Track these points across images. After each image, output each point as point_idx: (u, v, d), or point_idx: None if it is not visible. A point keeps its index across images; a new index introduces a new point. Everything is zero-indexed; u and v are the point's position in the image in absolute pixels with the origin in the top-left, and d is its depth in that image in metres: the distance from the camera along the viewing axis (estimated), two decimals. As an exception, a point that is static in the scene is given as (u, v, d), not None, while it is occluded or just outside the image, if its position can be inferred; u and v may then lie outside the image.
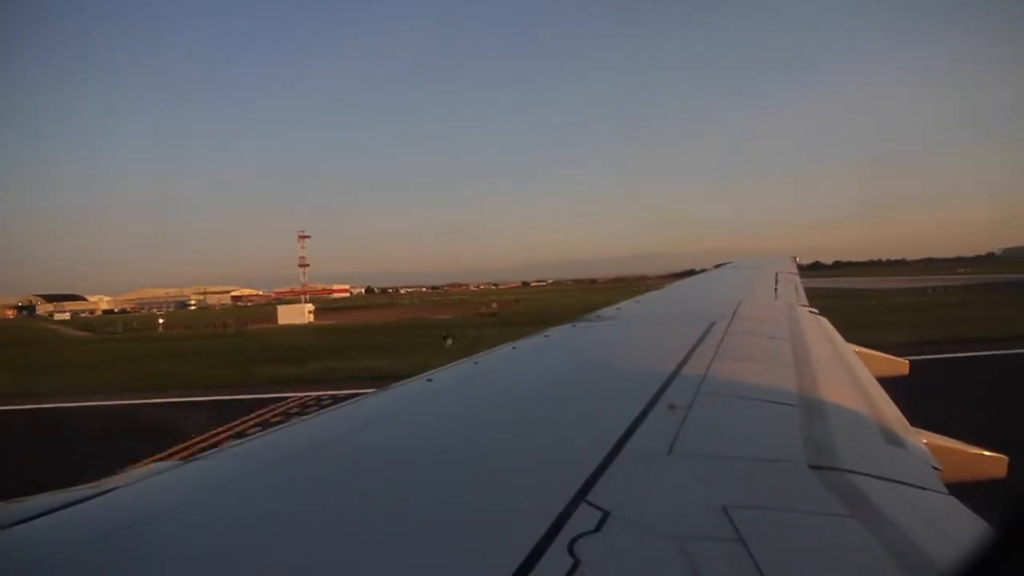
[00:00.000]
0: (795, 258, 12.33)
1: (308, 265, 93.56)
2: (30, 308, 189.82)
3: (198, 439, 11.67)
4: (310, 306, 67.65)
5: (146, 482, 1.69)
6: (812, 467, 1.47)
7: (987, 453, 2.15)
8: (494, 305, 62.88)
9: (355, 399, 2.57)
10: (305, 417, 2.33)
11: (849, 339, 3.93)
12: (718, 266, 12.75)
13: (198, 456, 1.89)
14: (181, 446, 10.94)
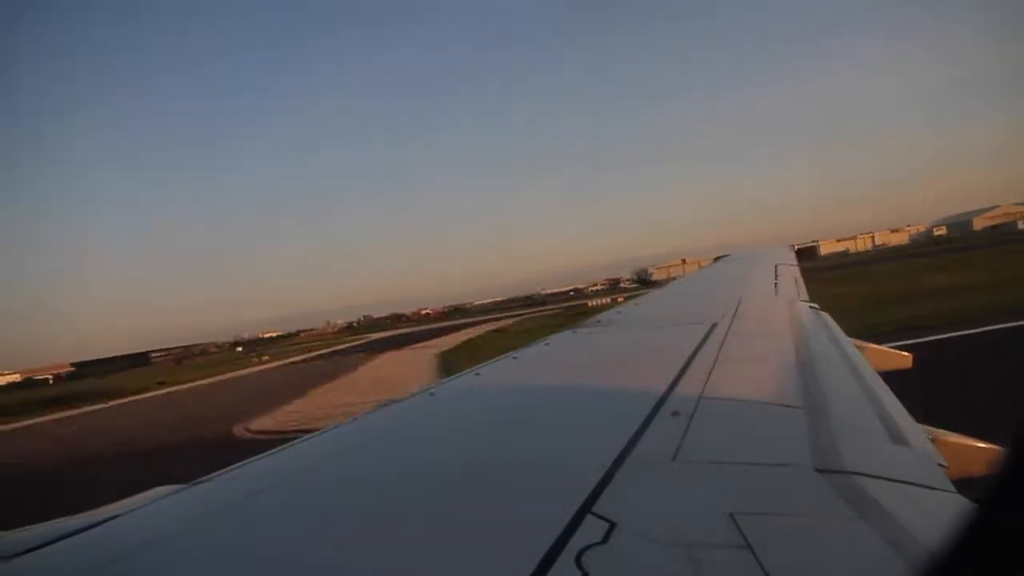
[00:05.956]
0: (794, 247, 12.27)
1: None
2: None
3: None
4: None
5: (148, 508, 1.69)
6: (818, 471, 1.46)
7: (995, 447, 2.14)
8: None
9: (358, 415, 2.57)
10: (310, 436, 2.33)
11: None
12: (717, 259, 12.68)
13: (201, 480, 1.89)
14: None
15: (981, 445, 2.12)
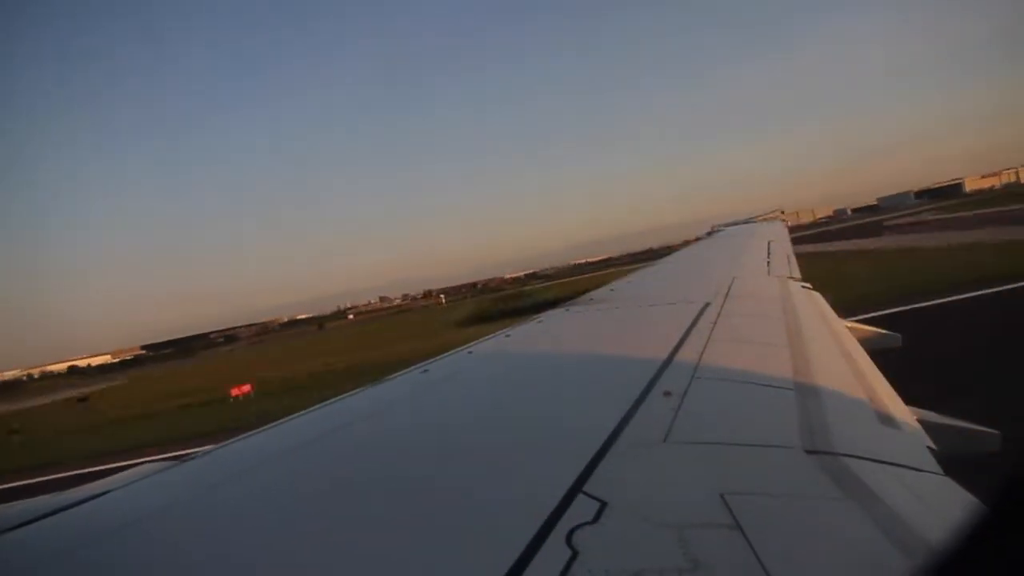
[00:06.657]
0: (786, 222, 12.30)
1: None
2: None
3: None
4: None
5: (143, 483, 1.69)
6: (808, 451, 1.47)
7: (981, 428, 2.17)
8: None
9: (350, 393, 2.56)
10: (302, 412, 2.33)
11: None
12: (710, 232, 12.65)
13: (195, 454, 1.89)
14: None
15: (970, 427, 2.15)
